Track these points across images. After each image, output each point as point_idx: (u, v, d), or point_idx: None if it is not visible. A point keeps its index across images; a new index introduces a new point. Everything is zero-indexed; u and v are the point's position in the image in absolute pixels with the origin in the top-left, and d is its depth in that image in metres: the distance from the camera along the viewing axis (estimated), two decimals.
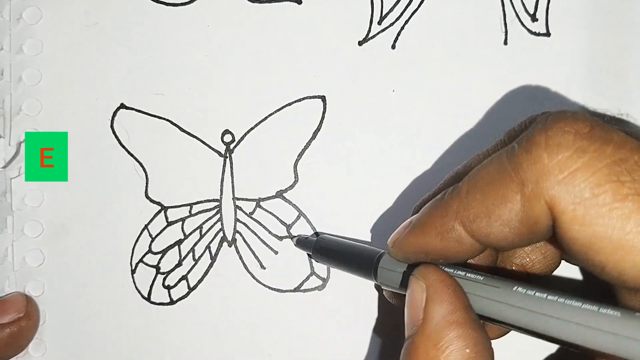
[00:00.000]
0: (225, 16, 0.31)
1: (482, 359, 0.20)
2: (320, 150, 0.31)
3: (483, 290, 0.21)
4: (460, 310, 0.21)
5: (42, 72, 0.31)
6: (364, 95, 0.31)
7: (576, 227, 0.18)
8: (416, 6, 0.31)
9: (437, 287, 0.21)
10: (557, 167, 0.18)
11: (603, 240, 0.18)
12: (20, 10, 0.31)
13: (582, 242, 0.18)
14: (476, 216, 0.20)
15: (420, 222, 0.22)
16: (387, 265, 0.25)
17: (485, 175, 0.20)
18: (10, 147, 0.31)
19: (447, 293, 0.21)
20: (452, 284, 0.21)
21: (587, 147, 0.18)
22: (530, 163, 0.19)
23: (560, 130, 0.18)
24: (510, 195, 0.19)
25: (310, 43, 0.31)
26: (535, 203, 0.19)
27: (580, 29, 0.31)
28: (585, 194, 0.18)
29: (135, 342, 0.31)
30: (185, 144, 0.31)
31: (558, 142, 0.18)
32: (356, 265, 0.27)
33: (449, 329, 0.20)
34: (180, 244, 0.32)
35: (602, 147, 0.18)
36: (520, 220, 0.19)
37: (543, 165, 0.18)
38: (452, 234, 0.21)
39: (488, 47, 0.31)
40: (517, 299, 0.20)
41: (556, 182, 0.18)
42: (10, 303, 0.30)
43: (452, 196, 0.21)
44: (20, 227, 0.31)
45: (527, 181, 0.19)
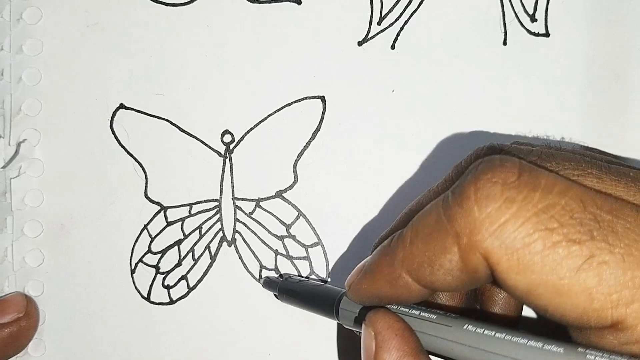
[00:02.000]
0: (225, 16, 0.31)
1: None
2: (320, 150, 0.31)
3: (435, 329, 0.22)
4: (408, 356, 0.21)
5: (42, 72, 0.31)
6: (364, 96, 0.31)
7: (513, 276, 0.18)
8: (415, 6, 0.31)
9: (385, 334, 0.22)
10: (487, 220, 0.18)
11: (540, 286, 0.18)
12: (21, 10, 0.31)
13: (521, 289, 0.18)
14: (420, 265, 0.21)
15: (370, 268, 0.23)
16: (347, 306, 0.26)
17: (425, 225, 0.20)
18: (10, 147, 0.31)
19: (395, 340, 0.22)
20: (400, 329, 0.22)
21: (515, 197, 0.18)
22: (462, 216, 0.19)
23: (489, 182, 0.19)
24: (448, 246, 0.19)
25: (310, 43, 0.31)
26: (472, 255, 0.19)
27: (579, 30, 0.31)
28: (516, 245, 0.18)
29: (135, 342, 0.31)
30: (185, 144, 0.31)
31: (487, 195, 0.18)
32: (319, 307, 0.28)
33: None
34: (180, 244, 0.32)
35: (529, 194, 0.18)
36: (460, 269, 0.19)
37: (474, 218, 0.18)
38: (400, 281, 0.21)
39: (487, 47, 0.31)
40: (466, 337, 0.21)
41: (488, 235, 0.18)
42: (10, 303, 0.30)
43: (397, 244, 0.22)
44: (20, 227, 0.31)
45: (462, 234, 0.19)
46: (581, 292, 0.17)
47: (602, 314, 0.17)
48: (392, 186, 0.31)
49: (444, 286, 0.21)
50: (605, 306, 0.17)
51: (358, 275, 0.24)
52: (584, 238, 0.17)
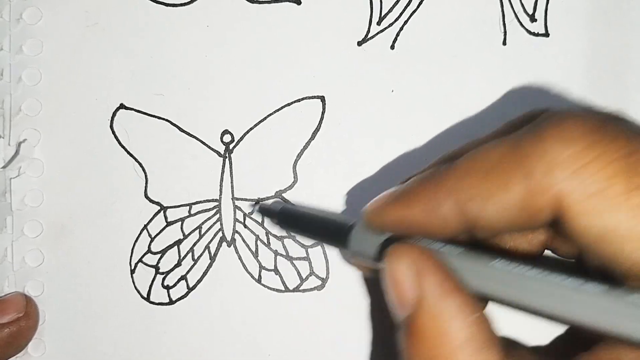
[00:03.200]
0: (225, 16, 0.31)
1: (487, 322, 0.20)
2: (320, 150, 0.31)
3: (462, 263, 0.21)
4: (451, 279, 0.20)
5: (42, 73, 0.31)
6: (363, 96, 0.31)
7: (587, 220, 0.18)
8: (415, 6, 0.31)
9: (421, 261, 0.21)
10: (568, 160, 0.18)
11: (615, 231, 0.18)
12: (20, 10, 0.31)
13: (593, 234, 0.18)
14: (472, 197, 0.20)
15: (407, 193, 0.22)
16: (358, 237, 0.24)
17: (488, 159, 0.20)
18: (10, 147, 0.31)
19: (434, 265, 0.20)
20: (432, 257, 0.21)
21: (598, 141, 0.18)
22: (539, 155, 0.18)
23: (573, 125, 0.18)
24: (513, 183, 0.19)
25: (310, 43, 0.31)
26: (541, 194, 0.18)
27: (579, 29, 0.31)
28: (596, 187, 0.18)
29: (135, 342, 0.31)
30: (185, 144, 0.31)
31: (570, 136, 0.18)
32: (326, 234, 0.26)
33: (449, 298, 0.20)
34: (180, 244, 0.32)
35: (613, 141, 0.18)
36: (520, 208, 0.19)
37: (553, 157, 0.18)
38: (441, 210, 0.20)
39: (487, 47, 0.31)
40: (496, 272, 0.20)
41: (566, 175, 0.18)
42: (10, 303, 0.30)
43: (448, 173, 0.21)
44: (20, 227, 0.31)
45: (534, 172, 0.18)
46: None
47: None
48: (392, 186, 0.31)
49: (488, 224, 0.20)
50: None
51: (386, 199, 0.22)
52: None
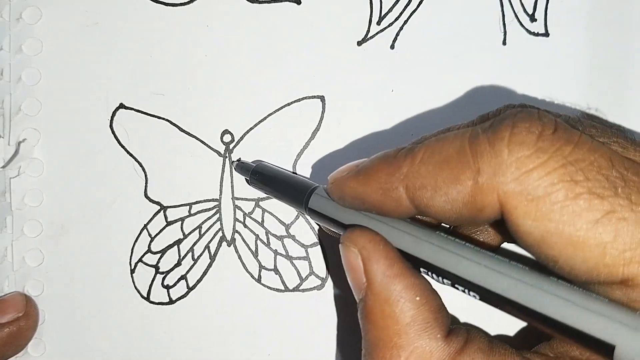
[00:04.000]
0: (225, 16, 0.31)
1: (432, 301, 0.22)
2: (320, 150, 0.31)
3: (410, 240, 0.22)
4: (397, 262, 0.22)
5: (42, 72, 0.31)
6: (363, 96, 0.31)
7: (528, 222, 0.18)
8: (415, 6, 0.31)
9: (369, 247, 0.22)
10: (514, 164, 0.19)
11: (554, 235, 0.18)
12: (20, 10, 0.31)
13: (535, 237, 0.19)
14: (423, 186, 0.20)
15: (366, 171, 0.23)
16: (318, 201, 0.26)
17: (444, 150, 0.20)
18: (9, 147, 0.31)
19: (380, 250, 0.22)
20: (381, 241, 0.22)
21: (547, 148, 0.19)
22: (490, 155, 0.19)
23: (525, 130, 0.19)
24: (462, 178, 0.19)
25: (310, 43, 0.31)
26: (487, 194, 0.19)
27: (579, 29, 0.31)
28: (539, 192, 0.18)
29: (135, 342, 0.31)
30: (185, 144, 0.31)
31: (521, 141, 0.19)
32: (289, 195, 0.28)
33: (394, 282, 0.21)
34: (180, 244, 0.32)
35: (561, 148, 0.18)
36: (465, 203, 0.20)
37: (502, 160, 0.19)
38: (394, 194, 0.21)
39: (487, 47, 0.31)
40: (436, 239, 0.22)
41: (512, 179, 0.19)
42: (10, 303, 0.30)
43: (405, 158, 0.21)
44: (19, 227, 0.31)
45: (483, 172, 0.19)
46: (595, 246, 0.18)
47: (613, 269, 0.18)
48: None
49: (437, 213, 0.21)
50: (618, 262, 0.18)
51: (348, 172, 0.23)
52: (607, 193, 0.18)
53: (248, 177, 0.30)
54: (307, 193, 0.27)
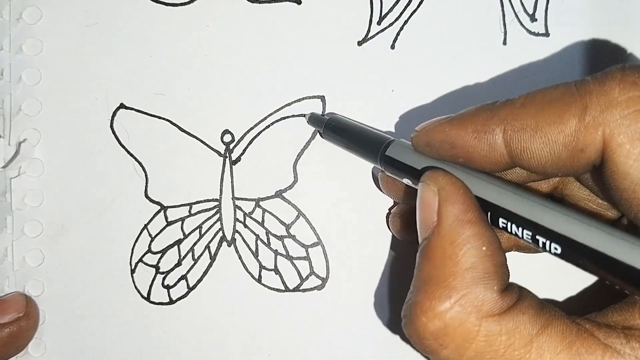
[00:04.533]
0: (225, 16, 0.31)
1: (497, 256, 0.21)
2: (320, 150, 0.31)
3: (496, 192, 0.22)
4: (473, 210, 0.21)
5: (42, 72, 0.31)
6: (363, 96, 0.31)
7: (630, 162, 0.18)
8: (415, 6, 0.31)
9: (449, 189, 0.22)
10: (625, 102, 0.18)
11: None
12: (20, 10, 0.31)
13: (632, 178, 0.18)
14: (522, 127, 0.20)
15: (462, 115, 0.22)
16: (395, 151, 0.25)
17: (547, 94, 0.20)
18: (10, 147, 0.31)
19: (459, 194, 0.22)
20: (462, 186, 0.22)
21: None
22: (600, 93, 0.19)
23: (637, 72, 0.19)
24: (567, 116, 0.19)
25: (310, 43, 0.31)
26: (592, 131, 0.19)
27: (579, 29, 0.31)
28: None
29: (135, 342, 0.31)
30: (185, 144, 0.31)
31: (633, 81, 0.19)
32: (364, 146, 0.28)
33: (464, 227, 0.21)
34: (180, 244, 0.32)
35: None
36: (566, 144, 0.19)
37: (613, 97, 0.19)
38: (490, 137, 0.21)
39: (487, 47, 0.31)
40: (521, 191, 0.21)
41: (621, 116, 0.18)
42: (10, 303, 0.30)
43: (504, 104, 0.21)
44: (20, 227, 0.31)
45: (591, 108, 0.19)
46: None
47: None
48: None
49: (531, 159, 0.20)
50: None
51: (439, 120, 0.23)
52: None
53: (321, 130, 0.30)
54: (384, 144, 0.26)
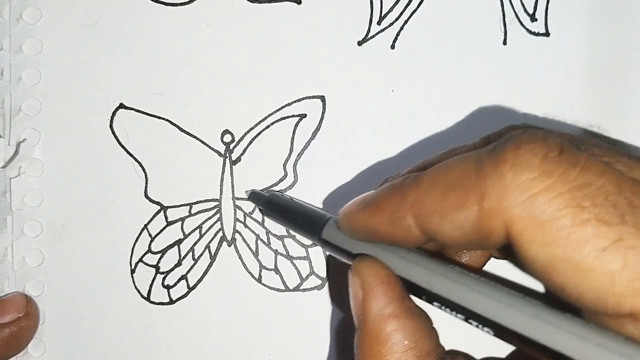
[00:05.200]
0: (225, 16, 0.31)
1: (422, 346, 0.21)
2: (320, 150, 0.31)
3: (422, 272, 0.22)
4: (395, 302, 0.22)
5: (42, 72, 0.31)
6: (364, 96, 0.31)
7: (535, 248, 0.18)
8: (415, 6, 0.31)
9: (372, 281, 0.22)
10: (519, 188, 0.18)
11: (561, 262, 0.18)
12: (20, 10, 0.31)
13: (541, 263, 0.18)
14: (430, 212, 0.20)
15: (373, 202, 0.22)
16: (331, 232, 0.26)
17: (449, 176, 0.20)
18: (9, 147, 0.31)
19: (382, 286, 0.22)
20: (385, 276, 0.22)
21: (552, 171, 0.18)
22: (494, 178, 0.19)
23: (530, 152, 0.18)
24: (468, 203, 0.19)
25: (310, 43, 0.31)
26: (493, 218, 0.19)
27: (579, 29, 0.31)
28: (545, 217, 0.18)
29: (135, 342, 0.31)
30: (185, 144, 0.31)
31: (525, 163, 0.18)
32: (302, 226, 0.28)
33: (386, 322, 0.22)
34: (180, 244, 0.32)
35: (567, 171, 0.18)
36: (473, 228, 0.19)
37: (506, 183, 0.18)
38: (402, 223, 0.21)
39: (487, 47, 0.31)
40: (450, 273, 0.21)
41: (517, 203, 0.18)
42: (10, 303, 0.30)
43: (410, 186, 0.21)
44: (20, 227, 0.31)
45: (489, 195, 0.19)
46: (603, 274, 0.17)
47: (621, 299, 0.17)
48: None
49: (446, 239, 0.20)
50: (626, 292, 0.17)
51: (357, 206, 0.23)
52: (614, 220, 0.17)
53: (261, 207, 0.30)
54: (320, 224, 0.26)
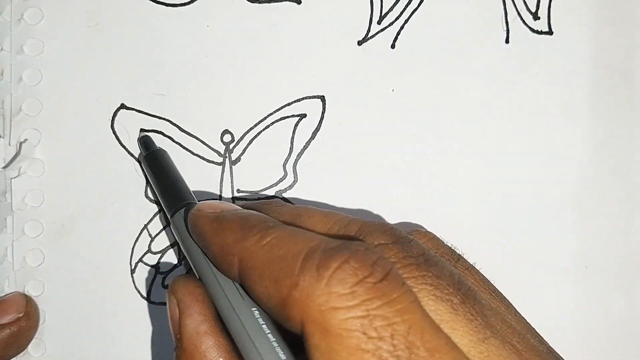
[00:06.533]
0: (225, 16, 0.31)
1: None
2: (320, 150, 0.31)
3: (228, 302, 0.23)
4: (210, 320, 0.23)
5: (43, 73, 0.31)
6: (364, 95, 0.31)
7: (317, 355, 0.19)
8: (416, 5, 0.31)
9: (186, 300, 0.23)
10: (326, 296, 0.19)
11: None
12: (22, 10, 0.31)
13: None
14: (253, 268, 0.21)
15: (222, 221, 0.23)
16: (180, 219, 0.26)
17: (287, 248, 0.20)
18: (10, 147, 0.31)
19: (197, 305, 0.23)
20: (200, 294, 0.23)
21: (360, 294, 0.18)
22: (312, 275, 0.19)
23: (351, 269, 0.19)
24: (283, 282, 0.20)
25: (310, 43, 0.31)
26: (294, 308, 0.19)
27: (583, 27, 0.31)
28: (334, 332, 0.18)
29: (135, 342, 0.31)
30: (185, 144, 0.31)
31: (342, 277, 0.19)
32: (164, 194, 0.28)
33: (201, 340, 0.22)
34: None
35: (373, 299, 0.18)
36: (277, 305, 0.20)
37: (318, 287, 0.19)
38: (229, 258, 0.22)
39: (489, 46, 0.31)
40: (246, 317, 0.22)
41: (318, 307, 0.19)
42: (10, 303, 0.30)
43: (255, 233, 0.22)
44: (20, 227, 0.31)
45: (300, 288, 0.19)
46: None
47: None
48: (392, 186, 0.31)
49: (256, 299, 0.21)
50: None
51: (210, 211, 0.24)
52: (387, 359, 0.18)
53: (144, 154, 0.30)
54: (177, 205, 0.27)
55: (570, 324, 0.31)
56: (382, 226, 0.22)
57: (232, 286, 0.23)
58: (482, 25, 0.31)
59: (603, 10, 0.31)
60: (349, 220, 0.23)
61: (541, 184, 0.31)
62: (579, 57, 0.31)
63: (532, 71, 0.31)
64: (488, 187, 0.31)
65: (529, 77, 0.31)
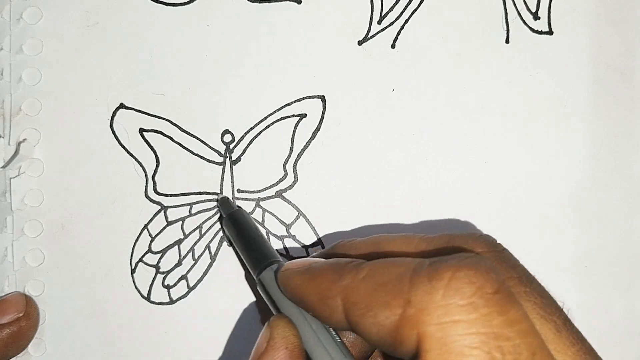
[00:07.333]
0: (225, 16, 0.31)
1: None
2: (320, 150, 0.31)
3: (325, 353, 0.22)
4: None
5: (42, 72, 0.31)
6: (364, 95, 0.31)
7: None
8: (416, 5, 0.31)
9: (278, 342, 0.23)
10: (444, 309, 0.18)
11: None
12: (21, 10, 0.31)
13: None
14: (357, 302, 0.20)
15: (313, 272, 0.23)
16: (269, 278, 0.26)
17: (387, 272, 0.20)
18: (10, 147, 0.31)
19: (283, 352, 0.23)
20: (292, 344, 0.23)
21: (480, 307, 0.18)
22: (424, 290, 0.18)
23: (467, 278, 0.18)
24: (394, 304, 0.19)
25: (310, 43, 0.31)
26: (409, 327, 0.18)
27: (583, 27, 0.31)
28: (454, 347, 0.17)
29: (135, 342, 0.31)
30: (185, 144, 0.31)
31: (458, 287, 0.18)
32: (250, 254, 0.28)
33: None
34: (180, 244, 0.32)
35: (492, 314, 0.18)
36: (390, 331, 0.19)
37: (434, 299, 0.18)
38: (330, 302, 0.21)
39: (489, 45, 0.31)
40: None
41: (436, 322, 0.18)
42: (10, 303, 0.30)
43: (350, 271, 0.21)
44: (20, 227, 0.31)
45: (414, 304, 0.18)
46: None
47: None
48: (392, 186, 0.31)
49: (364, 334, 0.20)
50: None
51: (300, 267, 0.23)
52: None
53: (224, 215, 0.30)
54: (264, 264, 0.26)
55: None
56: (474, 235, 0.21)
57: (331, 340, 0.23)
58: (482, 25, 0.31)
59: (603, 10, 0.31)
60: (435, 235, 0.22)
61: (541, 183, 0.31)
62: (578, 56, 0.31)
63: (532, 71, 0.31)
64: (488, 187, 0.31)
65: (529, 77, 0.31)
